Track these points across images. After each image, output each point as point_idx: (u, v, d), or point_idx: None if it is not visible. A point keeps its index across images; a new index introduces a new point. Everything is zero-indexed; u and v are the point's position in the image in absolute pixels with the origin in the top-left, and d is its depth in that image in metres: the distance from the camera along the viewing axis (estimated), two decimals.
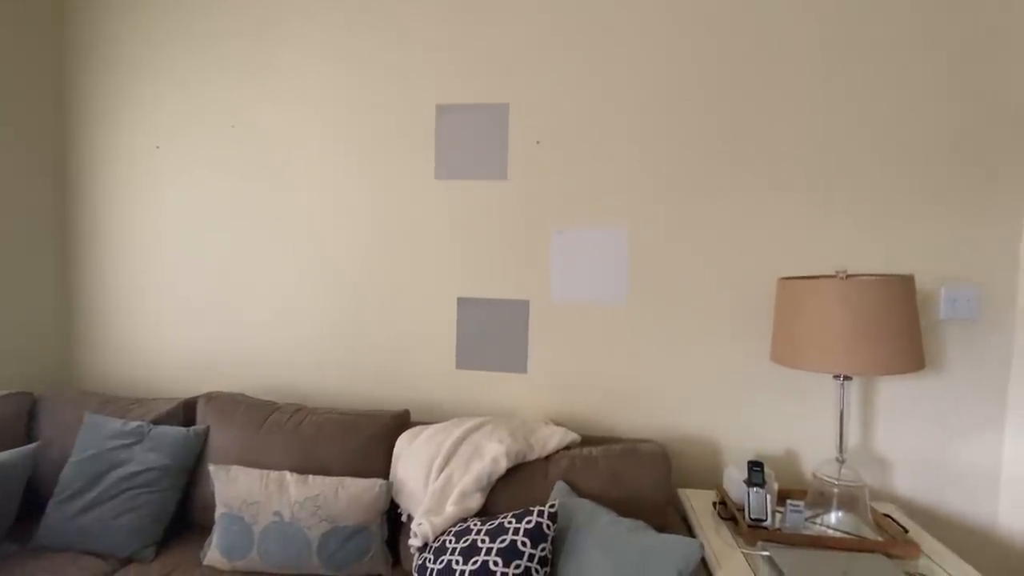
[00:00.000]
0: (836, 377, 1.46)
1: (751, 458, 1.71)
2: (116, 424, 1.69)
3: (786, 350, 1.41)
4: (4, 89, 1.91)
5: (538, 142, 1.77)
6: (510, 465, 1.42)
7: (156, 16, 2.00)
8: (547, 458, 1.47)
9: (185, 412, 1.78)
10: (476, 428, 1.49)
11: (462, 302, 1.85)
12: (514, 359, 1.83)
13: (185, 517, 1.67)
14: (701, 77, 1.69)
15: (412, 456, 1.50)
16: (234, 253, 2.00)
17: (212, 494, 1.63)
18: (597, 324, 1.77)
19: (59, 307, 2.10)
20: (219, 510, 1.50)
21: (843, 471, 1.41)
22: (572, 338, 1.79)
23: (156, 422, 1.74)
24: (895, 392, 1.64)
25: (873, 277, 1.32)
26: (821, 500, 1.42)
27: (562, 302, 1.79)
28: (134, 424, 1.69)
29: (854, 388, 1.64)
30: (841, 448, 1.43)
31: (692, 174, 1.70)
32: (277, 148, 1.94)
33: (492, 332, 1.84)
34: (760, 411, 1.71)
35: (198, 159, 2.01)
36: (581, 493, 1.40)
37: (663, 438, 1.76)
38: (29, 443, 1.77)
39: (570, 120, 1.75)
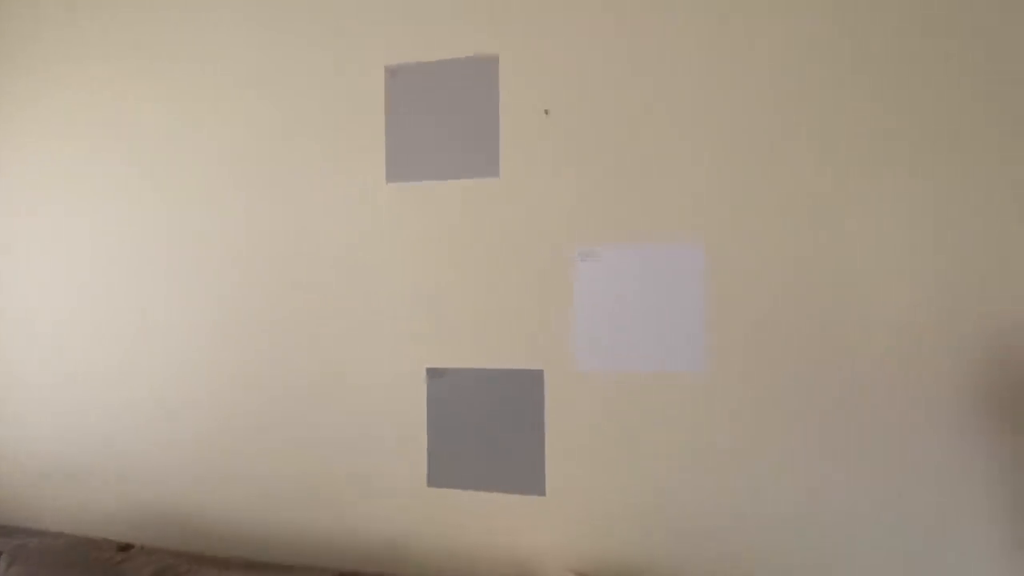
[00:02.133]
0: None
1: None
2: None
3: None
4: None
5: (547, 112, 1.09)
6: None
7: None
8: None
9: None
10: None
11: (435, 376, 1.14)
12: (522, 471, 1.09)
13: None
14: None
15: None
16: (102, 308, 1.34)
17: None
18: (658, 408, 1.04)
19: None
20: None
21: None
22: (617, 433, 1.05)
23: None
24: None
25: None
26: None
27: (596, 371, 1.06)
28: None
29: None
30: None
31: (829, 144, 0.99)
32: (161, 151, 1.30)
33: (485, 425, 1.11)
34: None
35: (58, 173, 1.38)
36: None
37: None
38: None
39: (598, 76, 1.07)
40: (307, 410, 1.20)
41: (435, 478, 1.14)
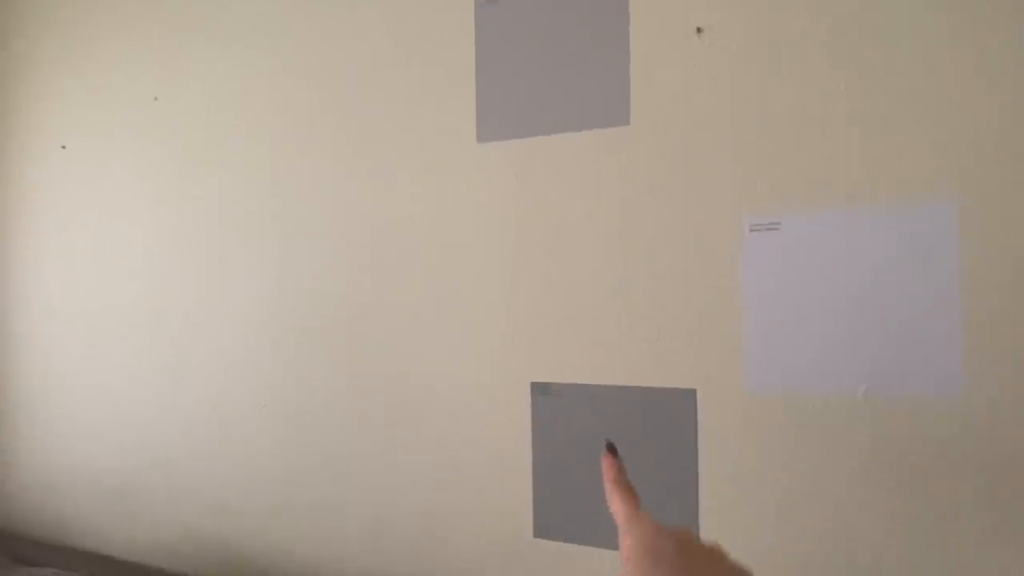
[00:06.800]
0: None
1: None
2: None
3: None
4: None
5: (700, 30, 0.79)
6: None
7: None
8: None
9: None
10: None
11: (542, 393, 0.87)
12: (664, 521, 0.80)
13: None
14: None
15: None
16: (149, 307, 1.18)
17: None
18: (885, 449, 0.71)
19: None
20: None
21: None
22: (810, 481, 0.73)
23: None
24: None
25: None
26: None
27: (777, 394, 0.74)
28: None
29: None
30: None
31: None
32: (217, 125, 1.11)
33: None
34: None
35: (95, 159, 1.24)
36: None
37: None
38: None
39: None
40: (381, 428, 0.97)
41: (544, 528, 0.86)
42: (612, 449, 0.40)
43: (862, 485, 0.71)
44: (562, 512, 0.85)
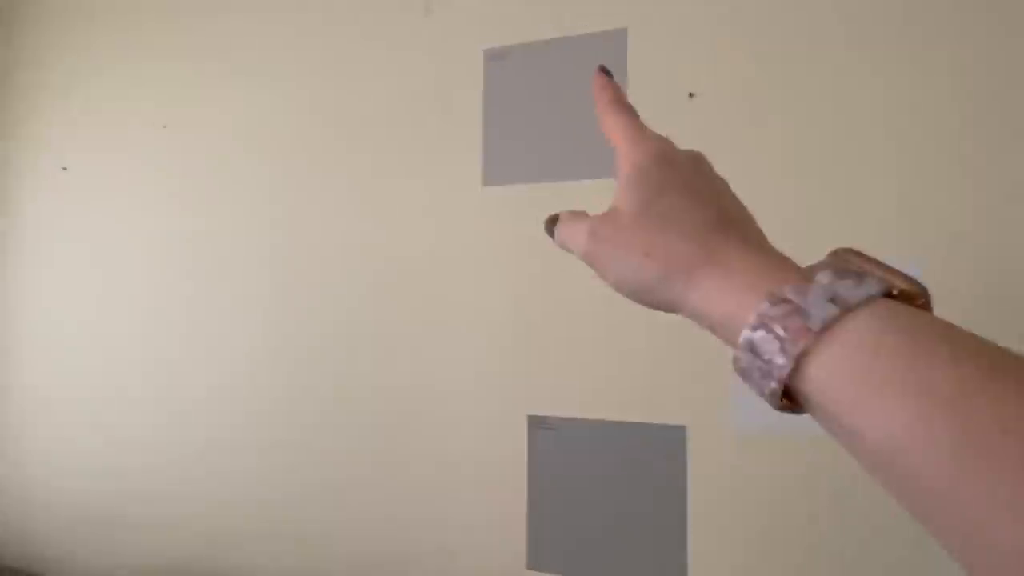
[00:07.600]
0: None
1: None
2: None
3: None
4: None
5: (692, 95, 0.87)
6: None
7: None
8: None
9: None
10: None
11: (538, 426, 0.90)
12: (654, 559, 0.83)
13: None
14: None
15: None
16: (144, 330, 1.18)
17: None
18: (869, 491, 0.76)
19: None
20: None
21: None
22: (798, 519, 0.78)
23: None
24: None
25: None
26: None
27: (766, 431, 0.80)
28: None
29: None
30: None
31: None
32: (226, 157, 1.15)
33: (604, 495, 0.86)
34: None
35: (99, 183, 1.26)
36: None
37: None
38: None
39: (762, 44, 0.84)
40: (375, 459, 0.99)
41: (537, 559, 0.89)
42: (605, 70, 0.33)
43: (852, 524, 0.76)
44: (555, 544, 0.88)
